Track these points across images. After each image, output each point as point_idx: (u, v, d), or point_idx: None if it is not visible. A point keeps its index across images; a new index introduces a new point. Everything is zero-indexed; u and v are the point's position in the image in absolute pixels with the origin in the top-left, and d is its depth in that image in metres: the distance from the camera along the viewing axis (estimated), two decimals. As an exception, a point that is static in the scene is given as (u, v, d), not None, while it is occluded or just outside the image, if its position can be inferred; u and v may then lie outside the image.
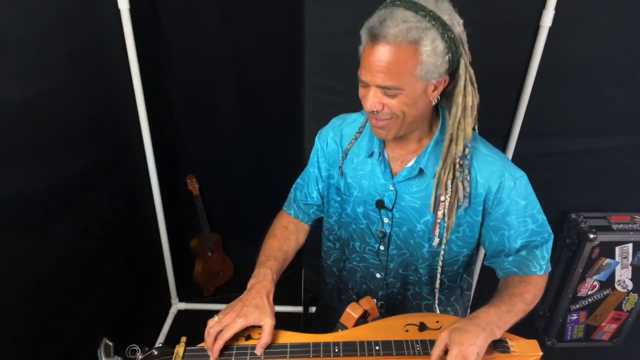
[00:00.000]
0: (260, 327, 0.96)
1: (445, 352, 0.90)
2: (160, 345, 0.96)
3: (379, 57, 0.88)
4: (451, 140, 0.99)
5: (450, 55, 0.89)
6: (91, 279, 1.67)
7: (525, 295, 1.03)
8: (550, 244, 1.10)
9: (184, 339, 0.97)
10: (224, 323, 0.94)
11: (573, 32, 1.65)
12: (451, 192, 1.02)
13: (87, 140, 1.58)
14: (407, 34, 0.85)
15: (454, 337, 0.89)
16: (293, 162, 1.71)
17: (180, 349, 0.95)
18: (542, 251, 1.08)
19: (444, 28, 0.87)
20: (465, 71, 0.94)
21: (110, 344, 0.93)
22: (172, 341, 0.97)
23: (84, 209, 1.58)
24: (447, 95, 1.00)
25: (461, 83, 0.94)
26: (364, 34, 0.91)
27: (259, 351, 0.94)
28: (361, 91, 0.98)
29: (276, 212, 1.33)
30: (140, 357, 0.93)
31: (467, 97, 0.96)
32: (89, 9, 1.55)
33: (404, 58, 0.87)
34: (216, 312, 0.99)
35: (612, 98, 1.81)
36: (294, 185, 1.33)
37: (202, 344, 0.97)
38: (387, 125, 0.98)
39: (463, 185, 1.01)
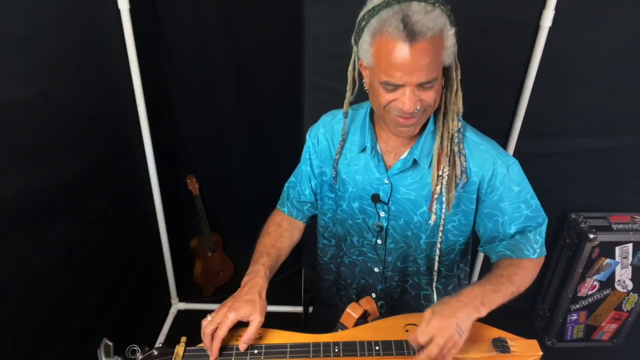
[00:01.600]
0: (262, 328, 0.97)
1: None
2: (160, 345, 0.97)
3: (420, 55, 0.85)
4: (445, 115, 1.00)
5: (454, 29, 0.90)
6: (91, 279, 1.67)
7: (513, 277, 1.03)
8: (544, 227, 1.10)
9: (184, 339, 0.97)
10: (217, 320, 0.95)
11: (573, 32, 1.65)
12: (449, 167, 1.02)
13: (87, 140, 1.58)
14: (435, 23, 0.84)
15: (435, 311, 0.91)
16: (293, 162, 1.70)
17: (180, 349, 0.95)
18: (536, 235, 1.09)
19: (447, 8, 0.88)
20: (455, 44, 0.93)
21: (110, 344, 0.93)
22: (172, 341, 0.97)
23: (84, 209, 1.58)
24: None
25: (453, 58, 0.95)
26: (374, 35, 0.87)
27: (241, 346, 0.95)
28: (387, 96, 0.92)
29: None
30: (140, 357, 0.93)
31: (458, 71, 0.97)
32: (89, 9, 1.55)
33: (438, 48, 0.87)
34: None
35: (612, 98, 1.81)
36: (286, 183, 1.33)
37: (202, 344, 0.97)
38: (417, 121, 0.97)
39: (460, 160, 1.02)
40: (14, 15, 1.21)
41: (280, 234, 1.24)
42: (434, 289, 1.19)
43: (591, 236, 1.92)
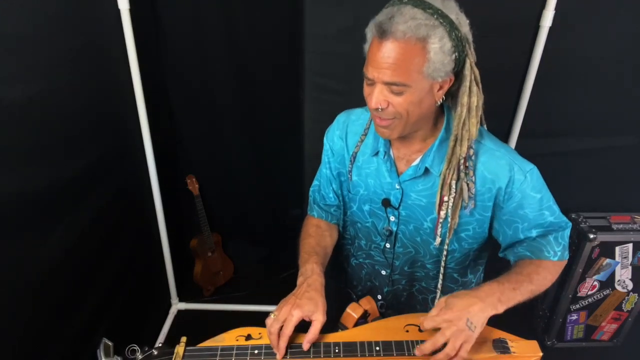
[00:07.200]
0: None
1: None
2: (160, 345, 0.96)
3: (386, 53, 0.87)
4: (456, 141, 0.99)
5: (456, 54, 0.90)
6: (91, 279, 1.66)
7: (533, 275, 1.03)
8: (567, 232, 1.09)
9: (184, 339, 0.97)
10: (282, 318, 0.95)
11: (573, 32, 1.65)
12: (455, 192, 1.02)
13: (87, 140, 1.57)
14: (415, 30, 0.85)
15: (448, 302, 0.91)
16: (293, 162, 1.71)
17: (180, 349, 0.95)
18: (557, 238, 1.08)
19: (451, 27, 0.87)
20: (471, 71, 0.94)
21: (110, 344, 0.93)
22: (172, 341, 0.97)
23: (84, 209, 1.58)
24: (452, 95, 1.00)
25: (466, 83, 0.94)
26: (370, 30, 0.91)
27: (305, 346, 0.94)
28: (366, 89, 0.97)
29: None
30: (140, 357, 0.93)
31: (472, 98, 0.96)
32: (89, 9, 1.55)
33: (412, 54, 0.87)
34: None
35: (612, 98, 1.81)
36: (311, 187, 1.32)
37: (202, 344, 0.97)
38: (390, 124, 0.97)
39: (468, 186, 1.01)
40: (13, 15, 1.20)
41: (321, 234, 1.23)
42: (439, 291, 1.19)
43: (591, 236, 1.92)
